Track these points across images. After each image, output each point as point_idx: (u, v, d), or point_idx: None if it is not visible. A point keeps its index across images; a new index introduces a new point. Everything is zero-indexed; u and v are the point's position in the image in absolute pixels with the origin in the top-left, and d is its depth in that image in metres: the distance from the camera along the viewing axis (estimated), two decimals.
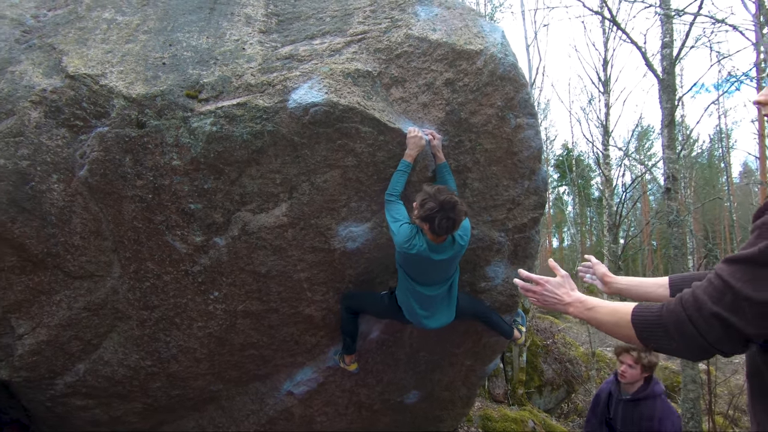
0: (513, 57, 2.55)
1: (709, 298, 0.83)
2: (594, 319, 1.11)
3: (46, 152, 2.42)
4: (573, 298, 1.18)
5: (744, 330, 0.79)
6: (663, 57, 5.49)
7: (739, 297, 0.78)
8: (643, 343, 0.97)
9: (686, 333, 0.87)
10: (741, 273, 0.78)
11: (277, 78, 2.39)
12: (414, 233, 2.35)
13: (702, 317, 0.83)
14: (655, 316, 0.94)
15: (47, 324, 2.71)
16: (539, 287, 1.24)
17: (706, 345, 0.84)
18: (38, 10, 2.76)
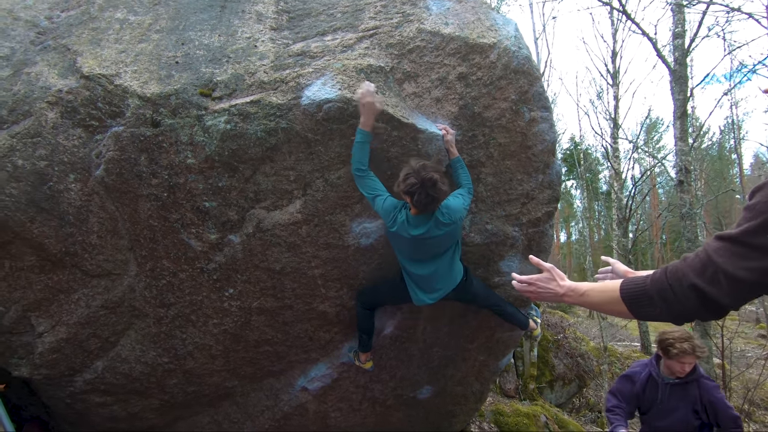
0: (526, 50, 2.53)
1: (691, 270, 0.92)
2: (588, 302, 1.20)
3: (63, 152, 2.44)
4: (565, 289, 1.24)
5: (720, 301, 0.88)
6: (675, 47, 5.42)
7: (718, 271, 0.87)
8: (632, 313, 1.06)
9: (668, 300, 0.96)
10: (723, 250, 0.87)
11: (290, 75, 2.39)
12: (398, 208, 2.38)
13: (682, 287, 0.93)
14: (640, 287, 1.03)
15: (66, 322, 2.75)
16: (532, 287, 1.31)
17: (684, 311, 0.94)
18: (52, 11, 2.78)
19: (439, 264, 2.55)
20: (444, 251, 2.54)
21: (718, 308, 0.89)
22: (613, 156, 10.56)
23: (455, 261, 2.63)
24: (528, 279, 1.32)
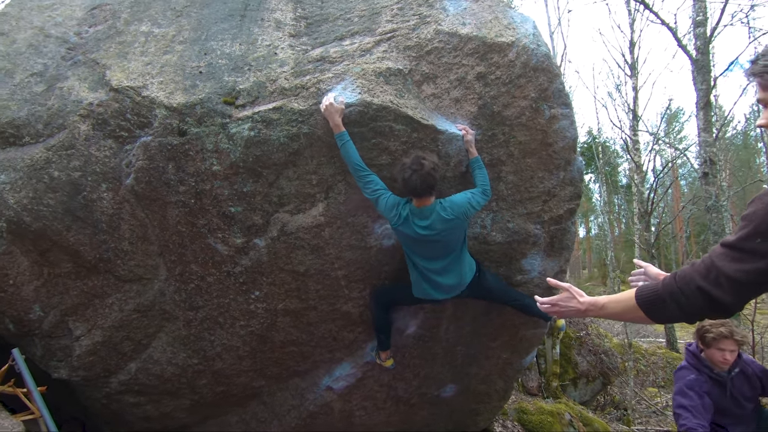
0: (545, 47, 2.52)
1: (698, 274, 1.02)
2: (608, 314, 1.29)
3: (96, 163, 2.54)
4: (586, 305, 1.32)
5: (723, 301, 0.98)
6: (696, 36, 5.29)
7: (720, 274, 0.97)
8: (649, 317, 1.15)
9: (679, 302, 1.06)
10: (724, 255, 0.97)
11: (311, 81, 2.43)
12: (401, 204, 2.41)
13: (689, 290, 1.03)
14: (654, 293, 1.12)
15: (101, 326, 2.86)
16: (555, 307, 1.39)
17: (694, 311, 1.05)
18: (80, 27, 2.89)
19: (449, 260, 2.55)
20: (452, 248, 2.53)
21: (723, 307, 0.99)
22: (633, 148, 10.35)
23: (464, 257, 2.62)
24: (550, 300, 1.40)
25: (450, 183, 2.54)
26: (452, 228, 2.43)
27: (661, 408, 6.89)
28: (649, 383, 7.92)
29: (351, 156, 2.34)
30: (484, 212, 2.83)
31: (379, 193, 2.39)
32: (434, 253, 2.52)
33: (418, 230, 2.40)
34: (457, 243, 2.53)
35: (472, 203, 2.44)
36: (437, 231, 2.40)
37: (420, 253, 2.54)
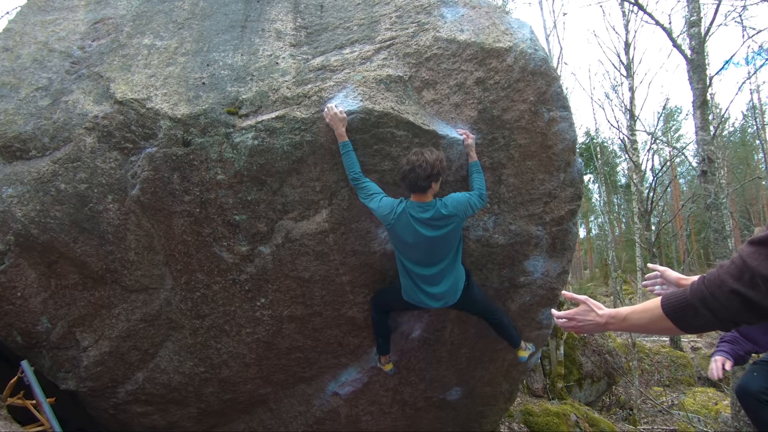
0: (543, 52, 2.56)
1: (730, 277, 0.94)
2: (632, 326, 1.18)
3: (101, 175, 2.57)
4: (605, 317, 1.23)
5: (761, 303, 0.89)
6: (691, 36, 5.34)
7: (755, 275, 0.89)
8: (679, 327, 1.05)
9: (711, 307, 0.97)
10: (757, 254, 0.90)
11: (312, 89, 2.47)
12: (397, 202, 2.42)
13: (723, 293, 0.94)
14: (682, 300, 1.03)
15: (108, 336, 2.87)
16: (573, 321, 1.30)
17: (730, 316, 0.95)
18: (83, 41, 2.93)
19: (441, 267, 2.53)
20: (447, 251, 2.51)
21: (762, 310, 0.91)
22: (631, 148, 10.40)
23: (457, 266, 2.61)
24: (566, 314, 1.31)
25: (451, 187, 2.56)
26: (449, 227, 2.41)
27: (667, 407, 6.88)
28: (654, 382, 7.91)
29: (351, 165, 2.40)
30: (486, 215, 2.86)
31: (373, 195, 2.42)
32: (427, 259, 2.49)
33: (415, 225, 2.37)
34: (450, 248, 2.51)
35: (470, 203, 2.46)
36: (435, 227, 2.39)
37: (413, 258, 2.51)
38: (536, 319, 3.41)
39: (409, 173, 2.30)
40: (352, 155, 2.40)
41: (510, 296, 3.24)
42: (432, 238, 2.41)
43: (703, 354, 9.55)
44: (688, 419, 6.22)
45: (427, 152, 2.30)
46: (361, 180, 2.42)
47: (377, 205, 2.41)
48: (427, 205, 2.39)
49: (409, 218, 2.39)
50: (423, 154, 2.29)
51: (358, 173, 2.41)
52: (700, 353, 9.72)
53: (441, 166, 2.32)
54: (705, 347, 10.62)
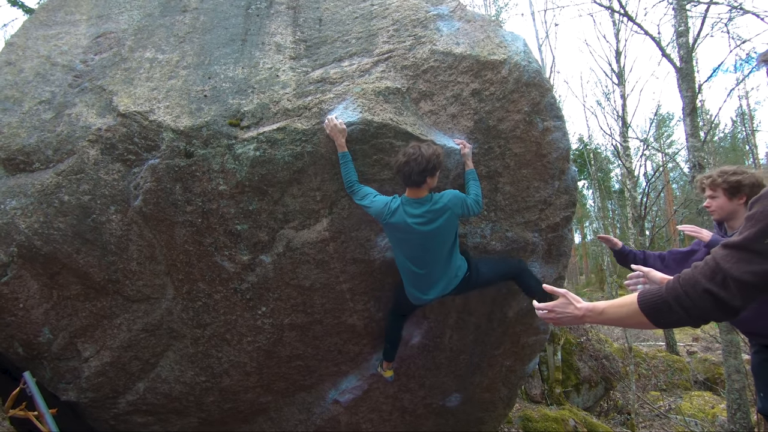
0: (536, 63, 2.64)
1: (703, 277, 1.00)
2: (608, 320, 1.23)
3: (104, 186, 2.60)
4: (583, 310, 1.28)
5: (731, 302, 0.96)
6: (679, 46, 5.48)
7: (727, 276, 0.95)
8: (653, 322, 1.11)
9: (685, 306, 1.03)
10: (729, 257, 0.96)
11: (313, 101, 2.53)
12: (391, 199, 2.46)
13: (696, 293, 1.01)
14: (658, 297, 1.09)
15: (110, 346, 2.89)
16: (552, 313, 1.35)
17: (702, 314, 1.02)
18: (86, 54, 2.98)
19: (437, 261, 2.52)
20: (441, 247, 2.50)
21: (731, 309, 0.98)
22: (624, 154, 10.54)
23: (454, 257, 2.59)
24: (546, 306, 1.36)
25: None
26: (442, 219, 2.40)
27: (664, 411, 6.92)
28: (651, 387, 7.95)
29: (348, 174, 2.47)
30: (484, 222, 2.92)
31: (367, 195, 2.47)
32: (423, 255, 2.49)
33: (408, 220, 2.38)
34: (445, 243, 2.50)
35: (466, 202, 2.47)
36: (428, 222, 2.39)
37: (409, 255, 2.52)
38: (534, 325, 3.46)
39: (404, 166, 2.32)
40: (350, 165, 2.47)
41: (508, 302, 3.29)
42: (425, 233, 2.41)
43: (699, 358, 9.61)
44: (685, 423, 6.26)
45: (424, 146, 2.31)
46: (357, 186, 2.49)
47: (370, 202, 2.44)
48: (421, 200, 2.41)
49: (404, 214, 2.41)
50: (420, 147, 2.30)
51: (354, 182, 2.48)
52: (696, 357, 9.79)
53: (437, 161, 2.31)
54: (701, 351, 10.69)
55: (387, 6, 2.94)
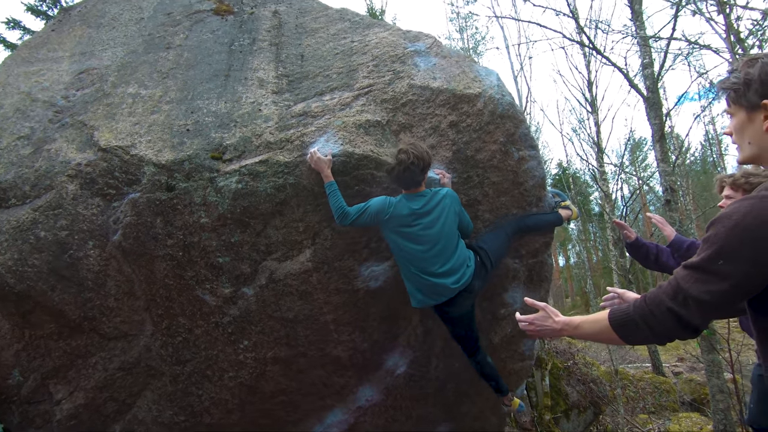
0: (510, 96, 2.76)
1: (666, 296, 1.05)
2: (583, 334, 1.29)
3: (83, 221, 2.57)
4: (561, 324, 1.33)
5: (691, 321, 1.01)
6: (645, 77, 5.79)
7: (686, 296, 1.00)
8: (622, 339, 1.16)
9: (650, 324, 1.08)
10: (688, 277, 1.01)
11: (295, 134, 2.58)
12: (389, 199, 2.49)
13: (660, 311, 1.05)
14: (626, 315, 1.14)
15: (84, 387, 2.77)
16: (532, 326, 1.41)
17: (665, 332, 1.06)
18: (68, 90, 3.00)
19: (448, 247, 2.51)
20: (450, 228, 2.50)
21: (692, 327, 1.03)
22: (601, 179, 10.87)
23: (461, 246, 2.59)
24: (527, 318, 1.42)
25: None
26: (448, 206, 2.47)
27: None
28: (639, 410, 7.92)
29: (338, 201, 2.44)
30: None
31: (363, 206, 2.45)
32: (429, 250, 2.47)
33: (414, 206, 2.44)
34: (453, 228, 2.51)
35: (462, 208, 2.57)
36: (434, 205, 2.46)
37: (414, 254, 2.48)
38: (519, 351, 3.47)
39: (404, 172, 2.38)
40: (339, 193, 2.45)
41: (493, 328, 3.30)
42: (432, 217, 2.46)
43: (685, 378, 9.66)
44: None
45: (412, 148, 2.38)
46: (348, 209, 2.44)
47: (367, 206, 2.44)
48: (421, 193, 2.50)
49: (407, 204, 2.47)
50: (410, 150, 2.36)
51: (344, 206, 2.43)
52: (682, 378, 9.84)
53: (430, 155, 2.44)
54: (686, 371, 10.76)
55: (366, 43, 3.06)
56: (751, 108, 1.02)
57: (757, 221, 0.89)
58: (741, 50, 5.12)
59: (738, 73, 1.04)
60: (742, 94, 1.03)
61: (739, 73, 1.04)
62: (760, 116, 1.01)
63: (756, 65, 1.00)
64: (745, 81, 1.02)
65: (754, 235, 0.89)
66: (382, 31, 3.12)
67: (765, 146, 1.02)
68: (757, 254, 0.89)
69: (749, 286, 0.92)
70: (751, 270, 0.90)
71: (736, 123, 1.08)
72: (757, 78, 0.99)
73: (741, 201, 0.94)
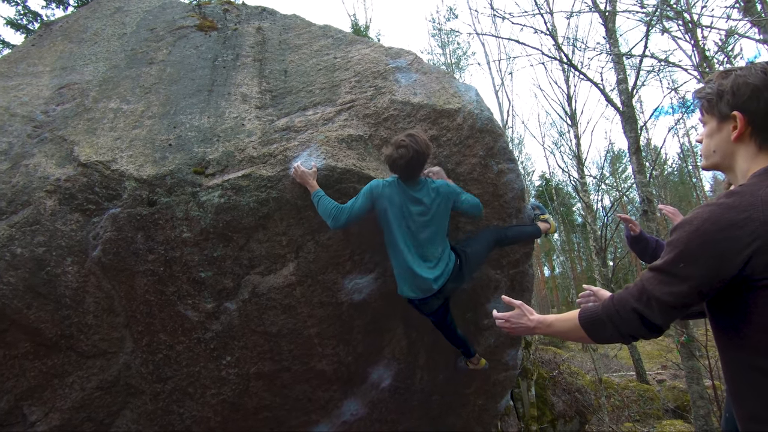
0: (488, 111, 2.84)
1: (631, 297, 1.09)
2: (556, 332, 1.34)
3: (61, 237, 2.53)
4: (535, 322, 1.39)
5: (654, 321, 1.05)
6: (620, 92, 6.00)
7: (650, 297, 1.05)
8: (590, 337, 1.21)
9: (616, 323, 1.12)
10: (653, 279, 1.05)
11: (278, 149, 2.60)
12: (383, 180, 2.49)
13: (626, 311, 1.10)
14: (595, 314, 1.19)
15: (60, 408, 2.70)
16: (508, 323, 1.46)
17: (630, 331, 1.11)
18: (47, 105, 2.97)
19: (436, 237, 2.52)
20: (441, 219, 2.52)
21: (654, 327, 1.08)
22: (582, 190, 11.11)
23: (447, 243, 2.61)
24: (503, 316, 1.48)
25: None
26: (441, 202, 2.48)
27: None
28: (624, 418, 7.99)
29: (328, 204, 2.41)
30: None
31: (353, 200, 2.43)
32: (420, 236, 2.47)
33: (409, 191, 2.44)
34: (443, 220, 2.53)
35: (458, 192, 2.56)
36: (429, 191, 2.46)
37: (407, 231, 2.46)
38: (503, 361, 3.50)
39: (408, 164, 2.37)
40: (327, 198, 2.42)
41: (476, 339, 3.32)
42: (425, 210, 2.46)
43: (668, 386, 9.79)
44: None
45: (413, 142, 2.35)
46: (341, 206, 2.40)
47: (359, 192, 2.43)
48: (419, 182, 2.49)
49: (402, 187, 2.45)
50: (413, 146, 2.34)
51: (336, 205, 2.40)
52: (665, 385, 9.97)
53: (429, 146, 2.42)
54: (669, 379, 10.91)
55: (349, 59, 3.13)
56: (722, 118, 1.08)
57: (715, 227, 0.94)
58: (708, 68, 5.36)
59: (713, 83, 1.10)
60: (715, 103, 1.09)
61: (713, 83, 1.10)
62: (729, 126, 1.07)
63: (729, 77, 1.06)
64: (719, 91, 1.08)
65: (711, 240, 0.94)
66: (365, 48, 3.19)
67: (727, 155, 1.08)
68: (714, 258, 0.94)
69: (706, 287, 0.97)
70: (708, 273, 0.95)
71: (707, 131, 1.13)
72: (729, 89, 1.05)
73: (703, 207, 0.99)
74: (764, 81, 1.01)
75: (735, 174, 1.09)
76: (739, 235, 0.90)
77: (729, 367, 1.03)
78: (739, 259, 0.90)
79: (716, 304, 1.01)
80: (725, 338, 1.02)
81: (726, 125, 1.07)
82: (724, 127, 1.08)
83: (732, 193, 0.97)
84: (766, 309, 0.90)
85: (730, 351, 1.01)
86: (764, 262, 0.88)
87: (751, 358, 0.95)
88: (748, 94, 1.02)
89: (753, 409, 0.96)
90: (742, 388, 0.99)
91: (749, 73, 1.03)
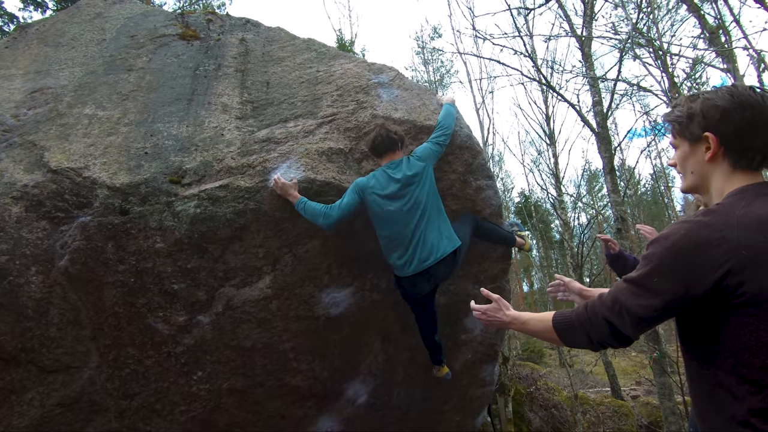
0: (468, 129, 2.89)
1: (604, 306, 1.10)
2: (529, 330, 1.36)
3: (26, 245, 2.43)
4: (510, 318, 1.41)
5: (624, 331, 1.07)
6: (596, 114, 6.21)
7: (622, 307, 1.06)
8: (562, 340, 1.23)
9: (587, 330, 1.14)
10: (626, 290, 1.06)
11: (257, 160, 2.58)
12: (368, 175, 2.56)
13: (597, 320, 1.11)
14: (568, 319, 1.20)
15: (17, 426, 2.55)
16: (484, 315, 1.49)
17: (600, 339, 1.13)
18: (18, 109, 2.88)
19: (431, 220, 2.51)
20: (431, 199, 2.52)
21: (624, 337, 1.09)
22: (560, 208, 11.36)
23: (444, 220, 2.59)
24: (480, 308, 1.50)
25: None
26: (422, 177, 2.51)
27: None
28: None
29: (314, 208, 2.41)
30: None
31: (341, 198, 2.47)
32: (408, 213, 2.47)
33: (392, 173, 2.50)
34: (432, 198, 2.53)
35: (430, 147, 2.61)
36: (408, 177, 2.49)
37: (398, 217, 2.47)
38: (480, 376, 3.49)
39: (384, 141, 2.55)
40: (311, 203, 2.43)
41: (453, 354, 3.32)
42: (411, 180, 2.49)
43: (642, 402, 9.94)
44: None
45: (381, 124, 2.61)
46: (329, 207, 2.42)
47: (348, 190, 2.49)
48: (398, 160, 2.56)
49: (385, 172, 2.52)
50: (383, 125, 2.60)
51: (323, 206, 2.41)
52: (639, 401, 10.12)
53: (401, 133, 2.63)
54: (643, 394, 11.09)
55: (332, 73, 3.15)
56: (694, 140, 1.10)
57: (690, 243, 0.95)
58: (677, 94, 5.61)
59: (682, 107, 1.13)
60: (686, 126, 1.11)
61: (682, 107, 1.13)
62: (702, 147, 1.09)
63: (698, 101, 1.10)
64: (688, 114, 1.10)
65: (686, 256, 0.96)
66: (348, 63, 3.22)
67: (705, 175, 1.10)
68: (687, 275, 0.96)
69: (677, 303, 0.99)
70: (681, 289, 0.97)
71: (679, 154, 1.16)
72: (699, 112, 1.08)
73: (680, 223, 1.01)
74: (732, 103, 1.04)
75: (710, 194, 1.11)
76: (712, 254, 0.92)
77: (694, 381, 1.05)
78: (711, 277, 0.92)
79: (686, 320, 1.03)
80: (692, 353, 1.04)
81: (698, 147, 1.10)
82: (697, 148, 1.10)
83: (709, 211, 0.99)
84: (734, 328, 0.91)
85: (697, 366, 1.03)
86: (736, 282, 0.89)
87: (716, 375, 0.97)
88: (718, 116, 1.05)
89: (714, 424, 0.97)
90: (706, 404, 1.01)
91: (716, 96, 1.06)
